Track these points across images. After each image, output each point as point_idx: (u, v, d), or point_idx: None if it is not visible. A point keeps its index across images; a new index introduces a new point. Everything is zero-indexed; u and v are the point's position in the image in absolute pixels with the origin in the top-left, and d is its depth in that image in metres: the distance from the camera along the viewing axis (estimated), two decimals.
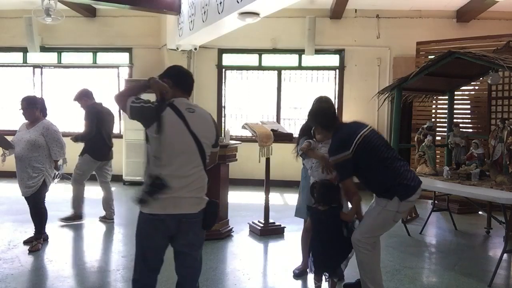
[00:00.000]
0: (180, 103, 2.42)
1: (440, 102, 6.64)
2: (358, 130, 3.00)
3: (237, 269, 4.01)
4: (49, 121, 4.50)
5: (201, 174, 2.43)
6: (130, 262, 4.12)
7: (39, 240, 4.42)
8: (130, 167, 8.20)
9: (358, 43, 8.10)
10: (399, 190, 2.96)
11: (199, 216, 2.42)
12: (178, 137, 2.35)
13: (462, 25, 7.79)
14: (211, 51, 8.40)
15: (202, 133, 2.41)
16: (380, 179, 3.01)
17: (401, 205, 2.97)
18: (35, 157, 4.28)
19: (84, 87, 5.58)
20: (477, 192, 3.95)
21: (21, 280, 3.66)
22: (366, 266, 3.10)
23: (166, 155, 2.33)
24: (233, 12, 5.22)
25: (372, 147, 2.98)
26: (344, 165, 2.96)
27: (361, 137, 2.95)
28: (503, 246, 3.94)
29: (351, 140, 2.94)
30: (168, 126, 2.33)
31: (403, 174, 2.99)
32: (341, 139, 3.03)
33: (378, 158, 2.99)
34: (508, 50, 4.86)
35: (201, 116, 2.47)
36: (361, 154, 2.94)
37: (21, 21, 8.17)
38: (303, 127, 3.73)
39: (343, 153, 2.94)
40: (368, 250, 3.06)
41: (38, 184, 4.32)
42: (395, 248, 4.70)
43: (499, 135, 4.21)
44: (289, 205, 6.85)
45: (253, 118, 8.09)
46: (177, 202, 2.35)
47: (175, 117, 2.35)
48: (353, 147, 2.93)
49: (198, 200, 2.42)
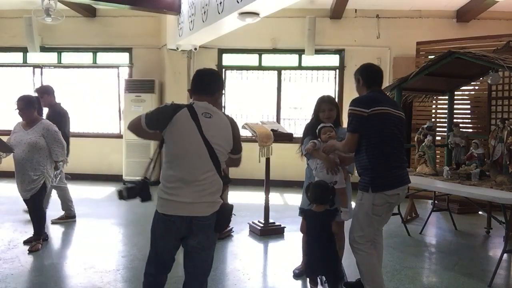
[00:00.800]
0: (199, 106, 2.42)
1: (440, 102, 6.64)
2: (386, 105, 3.01)
3: (237, 269, 4.01)
4: (48, 121, 4.48)
5: (214, 178, 2.41)
6: (130, 262, 4.13)
7: (39, 241, 4.41)
8: (130, 167, 8.19)
9: (358, 43, 8.10)
10: (374, 179, 2.96)
11: (211, 218, 2.40)
12: (188, 139, 2.36)
13: (462, 25, 7.79)
14: (211, 51, 8.40)
15: (215, 140, 2.39)
16: (367, 157, 2.99)
17: (376, 197, 2.96)
18: (36, 159, 4.25)
19: (48, 84, 5.53)
20: (477, 192, 3.94)
21: (21, 280, 3.66)
22: (363, 267, 3.09)
23: (177, 157, 2.38)
24: (233, 12, 5.22)
25: (384, 125, 2.97)
26: (356, 119, 2.96)
27: (384, 110, 2.97)
28: (503, 246, 3.94)
29: (372, 104, 2.96)
30: (180, 127, 2.36)
31: (388, 166, 2.97)
32: (369, 97, 3.05)
33: (379, 139, 2.97)
34: (508, 50, 4.86)
35: (218, 123, 2.43)
36: (372, 122, 2.94)
37: (21, 21, 8.16)
38: (307, 126, 3.68)
39: (362, 109, 2.95)
40: (363, 251, 3.05)
41: (38, 185, 4.31)
42: (395, 248, 4.70)
43: (499, 135, 4.20)
44: (289, 205, 6.86)
45: (253, 118, 8.09)
46: (189, 206, 2.36)
47: (190, 119, 2.36)
48: (371, 112, 2.94)
49: (210, 204, 2.41)
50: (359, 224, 3.07)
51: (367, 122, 2.95)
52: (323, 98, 3.60)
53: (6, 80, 8.94)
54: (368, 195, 2.98)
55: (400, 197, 3.09)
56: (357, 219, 3.09)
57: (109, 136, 8.68)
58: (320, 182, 3.28)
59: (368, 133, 2.97)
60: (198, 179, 2.37)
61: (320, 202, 3.24)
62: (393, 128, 3.02)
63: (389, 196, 2.99)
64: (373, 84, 3.14)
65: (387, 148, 2.99)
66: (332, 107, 3.51)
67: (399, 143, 3.07)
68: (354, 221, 3.12)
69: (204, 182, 2.38)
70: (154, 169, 2.72)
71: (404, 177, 3.09)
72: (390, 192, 2.98)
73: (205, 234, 2.42)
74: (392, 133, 3.01)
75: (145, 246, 4.65)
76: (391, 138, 3.01)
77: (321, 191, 3.22)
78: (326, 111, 3.48)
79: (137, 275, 3.81)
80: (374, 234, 3.15)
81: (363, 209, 3.03)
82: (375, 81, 3.16)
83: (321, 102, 3.55)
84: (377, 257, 3.20)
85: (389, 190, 2.98)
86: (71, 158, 5.24)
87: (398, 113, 3.08)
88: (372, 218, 3.03)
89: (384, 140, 2.99)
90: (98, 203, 5.87)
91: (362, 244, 3.05)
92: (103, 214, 5.84)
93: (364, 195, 3.01)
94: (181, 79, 8.32)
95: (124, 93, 8.27)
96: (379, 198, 2.97)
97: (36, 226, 4.43)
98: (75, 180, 8.31)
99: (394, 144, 3.03)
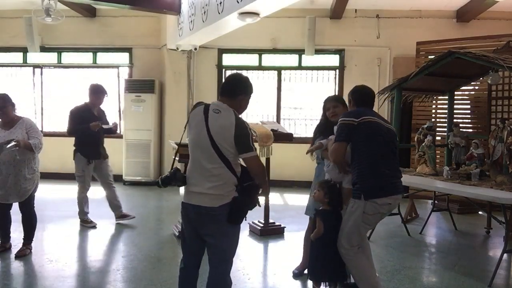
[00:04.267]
0: (214, 104, 2.61)
1: (440, 102, 6.64)
2: (375, 117, 3.10)
3: (237, 269, 4.00)
4: (28, 118, 4.25)
5: (222, 171, 2.50)
6: (130, 262, 4.13)
7: (29, 245, 4.28)
8: (130, 167, 8.20)
9: (358, 43, 8.10)
10: (366, 186, 2.97)
11: (221, 210, 2.49)
12: (197, 132, 2.55)
13: (462, 25, 7.79)
14: (211, 51, 8.39)
15: (217, 134, 2.50)
16: (360, 165, 3.02)
17: (367, 205, 2.97)
18: (28, 157, 4.10)
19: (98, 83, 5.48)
20: (477, 192, 3.94)
21: (21, 280, 3.66)
22: (354, 270, 3.11)
23: (191, 148, 2.61)
24: (233, 12, 5.22)
25: (373, 134, 3.02)
26: (345, 129, 3.02)
27: (373, 120, 3.05)
28: (503, 246, 3.94)
29: (361, 115, 3.04)
30: (193, 123, 2.60)
31: (380, 173, 2.99)
32: (358, 110, 3.16)
33: (370, 145, 3.01)
34: (508, 50, 4.87)
35: (223, 117, 2.53)
36: (362, 129, 2.99)
37: (21, 21, 8.16)
38: (318, 125, 3.71)
39: (351, 118, 3.03)
40: (351, 256, 3.06)
41: (33, 185, 4.20)
42: (395, 248, 4.70)
43: (499, 135, 4.20)
44: (289, 205, 6.86)
45: (253, 118, 8.09)
46: (197, 195, 2.54)
47: (201, 115, 2.56)
48: (360, 120, 3.00)
49: (218, 196, 2.50)
50: (347, 231, 3.06)
51: (356, 130, 2.99)
52: (328, 97, 3.69)
53: (6, 80, 8.94)
54: (360, 202, 2.98)
55: (391, 206, 3.10)
56: (346, 225, 3.08)
57: (109, 136, 8.67)
58: (327, 182, 3.25)
59: (359, 140, 3.00)
60: (205, 169, 2.51)
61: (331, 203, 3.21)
62: (384, 137, 3.05)
63: (380, 205, 3.00)
64: (363, 105, 3.22)
65: (379, 155, 3.02)
66: (336, 103, 3.57)
67: (391, 151, 3.09)
68: (342, 227, 3.11)
69: (210, 173, 2.50)
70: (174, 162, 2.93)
71: (397, 186, 3.10)
72: (381, 201, 2.99)
73: (216, 224, 2.52)
74: (384, 141, 3.05)
75: (145, 246, 4.68)
76: (382, 145, 3.04)
77: (329, 191, 3.20)
78: (330, 109, 3.54)
79: (137, 275, 3.82)
80: (361, 240, 3.15)
81: (353, 217, 3.03)
82: (365, 102, 3.23)
83: (326, 102, 3.63)
84: (367, 258, 3.20)
85: (380, 198, 2.99)
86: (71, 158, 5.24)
87: (387, 125, 3.13)
88: (360, 226, 3.05)
89: (376, 146, 3.01)
90: (98, 203, 5.87)
91: (349, 249, 3.06)
92: (103, 214, 5.83)
93: (356, 202, 3.01)
94: (181, 79, 8.32)
95: (124, 93, 8.26)
96: (370, 206, 2.98)
97: (30, 230, 4.30)
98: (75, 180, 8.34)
99: (386, 152, 3.06)
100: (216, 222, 2.51)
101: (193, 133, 2.59)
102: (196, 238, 2.63)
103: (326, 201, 3.20)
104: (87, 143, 5.23)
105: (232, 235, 2.61)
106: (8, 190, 4.08)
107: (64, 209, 6.04)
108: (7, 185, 4.05)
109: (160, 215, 5.95)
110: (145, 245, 4.66)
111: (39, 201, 4.44)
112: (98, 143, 5.35)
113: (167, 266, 3.98)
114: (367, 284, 3.09)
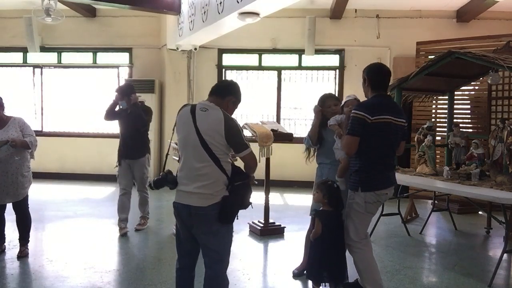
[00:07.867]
0: (201, 103, 2.63)
1: (440, 102, 6.64)
2: (389, 113, 3.00)
3: (237, 269, 4.00)
4: (19, 117, 4.23)
5: (211, 170, 2.51)
6: (130, 262, 4.13)
7: (27, 245, 4.28)
8: None
9: (358, 43, 8.10)
10: (365, 179, 3.02)
11: (211, 209, 2.49)
12: (185, 131, 2.56)
13: (462, 25, 7.79)
14: (211, 51, 8.39)
15: (206, 131, 2.51)
16: (360, 159, 3.04)
17: (367, 195, 3.03)
18: (23, 156, 4.10)
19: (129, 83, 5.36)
20: (477, 192, 3.94)
21: (21, 280, 3.66)
22: (360, 264, 3.14)
23: (180, 148, 2.63)
24: (233, 12, 5.22)
25: (381, 137, 3.01)
26: (359, 123, 2.95)
27: (386, 120, 2.98)
28: (503, 246, 3.94)
29: (376, 113, 2.95)
30: (181, 122, 2.61)
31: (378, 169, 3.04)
32: (374, 103, 3.03)
33: (375, 145, 3.01)
34: (508, 50, 4.86)
35: (211, 115, 2.54)
36: (373, 130, 2.96)
37: (21, 21, 8.16)
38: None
39: (366, 114, 2.94)
40: (360, 248, 3.12)
41: (30, 182, 4.22)
42: (395, 248, 4.70)
43: (499, 135, 4.20)
44: (289, 205, 6.86)
45: (253, 118, 8.09)
46: (187, 195, 2.54)
47: (188, 114, 2.57)
48: (374, 120, 2.94)
49: (207, 195, 2.50)
50: (353, 223, 3.12)
51: (368, 128, 2.97)
52: (328, 94, 3.70)
53: (6, 80, 8.94)
54: (359, 193, 3.04)
55: (388, 196, 3.17)
56: (351, 218, 3.13)
57: (109, 136, 8.66)
58: (326, 182, 3.26)
59: (367, 136, 2.99)
60: (194, 169, 2.52)
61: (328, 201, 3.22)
62: (391, 137, 3.07)
63: (378, 195, 3.07)
64: (379, 88, 3.11)
65: (380, 153, 3.06)
66: (337, 102, 3.61)
67: (390, 148, 3.13)
68: (348, 221, 3.16)
69: (199, 172, 2.51)
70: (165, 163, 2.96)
71: (392, 178, 3.18)
72: (379, 192, 3.07)
73: (206, 224, 2.52)
74: (389, 143, 3.08)
75: (145, 246, 4.68)
76: (385, 145, 3.07)
77: (329, 191, 3.21)
78: (331, 107, 3.55)
79: (137, 275, 3.82)
80: (366, 231, 3.23)
81: (356, 208, 3.09)
82: (380, 85, 3.12)
83: (325, 98, 3.62)
84: (372, 252, 3.25)
85: (379, 190, 3.06)
86: (73, 158, 5.23)
87: (399, 121, 3.09)
88: (365, 215, 3.12)
89: (380, 147, 3.05)
90: (98, 203, 5.87)
91: (358, 242, 3.12)
92: (103, 214, 5.84)
93: (355, 194, 3.08)
94: (181, 79, 8.32)
95: None
96: (370, 196, 3.04)
97: (26, 230, 4.29)
98: (75, 180, 8.35)
99: (387, 149, 3.10)
100: (206, 222, 2.52)
101: (181, 134, 2.61)
102: (190, 238, 2.63)
103: (325, 202, 3.22)
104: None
105: (223, 235, 2.60)
106: (4, 190, 4.06)
107: (64, 209, 6.04)
108: (3, 184, 4.04)
109: (160, 215, 5.95)
110: (145, 245, 4.67)
111: (39, 201, 4.45)
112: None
113: (167, 266, 3.98)
114: (371, 278, 3.12)
